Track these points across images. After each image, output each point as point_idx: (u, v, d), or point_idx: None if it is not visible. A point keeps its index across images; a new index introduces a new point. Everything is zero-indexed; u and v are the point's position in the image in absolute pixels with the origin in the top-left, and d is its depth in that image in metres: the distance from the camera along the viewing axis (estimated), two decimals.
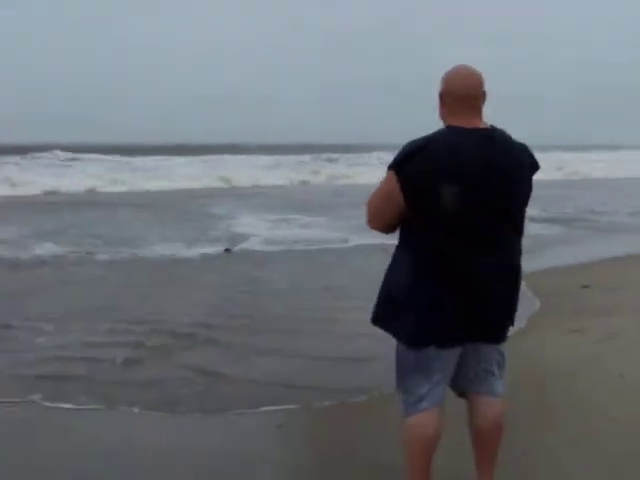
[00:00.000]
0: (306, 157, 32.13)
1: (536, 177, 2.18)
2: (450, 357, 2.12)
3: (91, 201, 16.81)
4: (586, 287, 6.27)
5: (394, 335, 2.18)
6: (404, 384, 2.20)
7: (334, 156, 33.47)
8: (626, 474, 2.56)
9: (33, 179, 20.12)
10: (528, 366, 3.86)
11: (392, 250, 2.20)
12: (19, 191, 18.62)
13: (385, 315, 2.19)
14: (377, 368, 3.99)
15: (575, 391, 3.46)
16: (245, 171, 25.40)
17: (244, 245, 9.75)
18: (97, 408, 3.54)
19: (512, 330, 2.33)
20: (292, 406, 3.55)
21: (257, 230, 11.30)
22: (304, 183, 24.76)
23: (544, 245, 9.13)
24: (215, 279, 7.31)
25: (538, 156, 2.25)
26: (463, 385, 2.24)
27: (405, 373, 2.18)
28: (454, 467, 2.49)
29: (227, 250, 9.23)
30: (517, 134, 2.17)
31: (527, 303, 5.23)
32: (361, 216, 2.35)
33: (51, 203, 15.90)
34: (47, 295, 6.44)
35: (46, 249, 8.84)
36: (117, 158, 28.74)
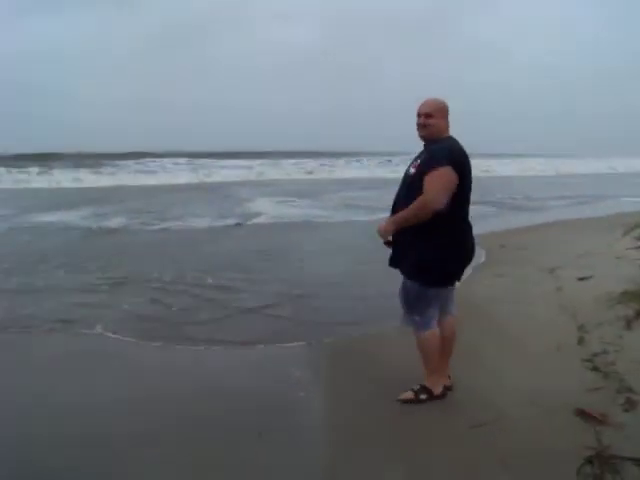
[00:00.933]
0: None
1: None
2: (446, 292, 3.30)
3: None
4: (503, 246, 8.17)
5: (424, 283, 3.06)
6: (421, 311, 3.12)
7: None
8: (536, 367, 3.66)
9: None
10: (469, 295, 5.36)
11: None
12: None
13: (420, 271, 3.05)
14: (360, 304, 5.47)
15: (499, 311, 4.92)
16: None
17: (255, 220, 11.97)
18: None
19: (465, 272, 3.39)
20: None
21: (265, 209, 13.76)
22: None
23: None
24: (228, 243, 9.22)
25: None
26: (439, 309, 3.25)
27: (424, 304, 3.12)
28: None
29: (238, 224, 11.18)
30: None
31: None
32: None
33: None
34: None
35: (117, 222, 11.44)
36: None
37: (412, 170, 3.06)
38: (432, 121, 3.04)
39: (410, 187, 3.03)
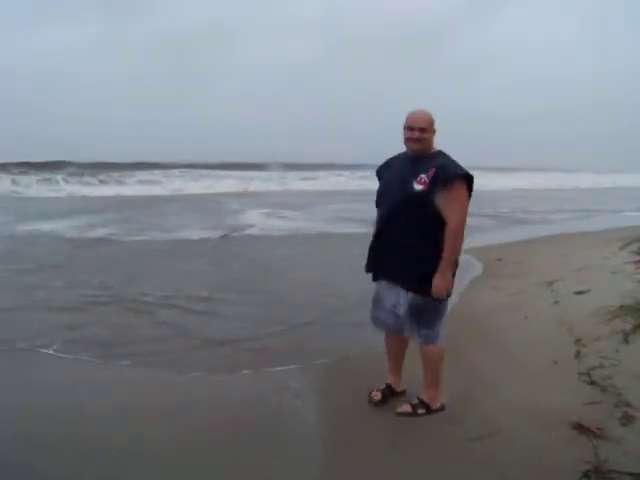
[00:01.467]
0: None
1: None
2: None
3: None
4: (500, 260, 8.19)
5: (430, 296, 3.02)
6: (441, 324, 3.17)
7: None
8: (533, 380, 3.67)
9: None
10: (467, 309, 5.41)
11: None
12: None
13: (419, 287, 3.04)
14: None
15: (496, 325, 4.94)
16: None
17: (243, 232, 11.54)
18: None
19: (462, 285, 3.70)
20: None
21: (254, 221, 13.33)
22: None
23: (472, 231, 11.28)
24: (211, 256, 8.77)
25: None
26: None
27: (443, 317, 3.17)
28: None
29: (223, 236, 10.74)
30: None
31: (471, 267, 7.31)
32: None
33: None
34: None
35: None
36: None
37: (418, 187, 2.95)
38: (427, 135, 3.04)
39: (414, 204, 2.97)
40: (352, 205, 16.32)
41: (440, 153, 3.09)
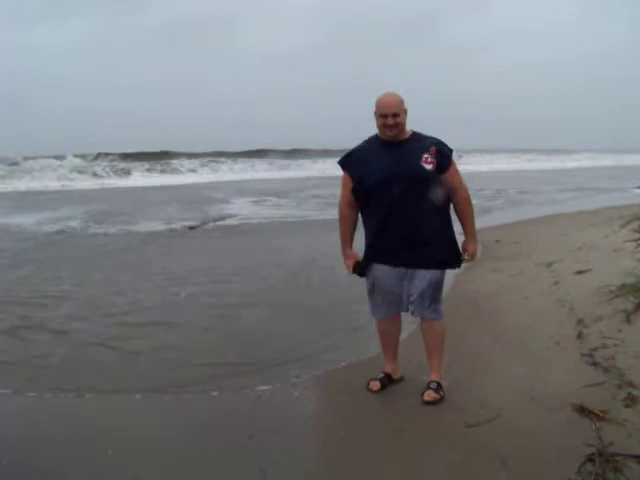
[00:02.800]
0: None
1: None
2: None
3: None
4: (498, 241, 8.10)
5: (452, 267, 3.20)
6: (441, 298, 3.22)
7: None
8: (534, 362, 3.58)
9: None
10: (466, 292, 5.35)
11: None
12: None
13: (454, 254, 3.15)
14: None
15: (496, 307, 4.87)
16: None
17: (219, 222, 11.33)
18: None
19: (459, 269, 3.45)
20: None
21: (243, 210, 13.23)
22: None
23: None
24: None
25: None
26: None
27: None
28: None
29: (191, 227, 10.48)
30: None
31: None
32: None
33: None
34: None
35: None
36: None
37: (428, 167, 2.98)
38: (399, 119, 3.01)
39: (426, 183, 3.00)
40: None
41: (415, 133, 3.13)
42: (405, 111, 3.05)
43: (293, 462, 2.67)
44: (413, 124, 3.18)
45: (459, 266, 3.27)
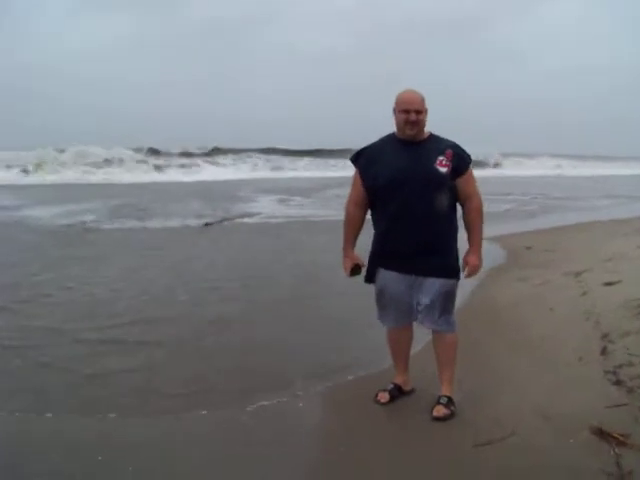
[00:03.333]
0: None
1: None
2: None
3: None
4: (529, 248, 7.85)
5: (458, 278, 3.00)
6: (453, 310, 3.09)
7: None
8: (554, 378, 3.39)
9: None
10: (488, 301, 5.16)
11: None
12: None
13: (458, 266, 2.99)
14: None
15: (517, 318, 4.66)
16: None
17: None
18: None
19: (478, 276, 3.40)
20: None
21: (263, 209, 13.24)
22: None
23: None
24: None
25: None
26: None
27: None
28: None
29: (207, 224, 10.49)
30: None
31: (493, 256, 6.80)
32: None
33: None
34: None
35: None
36: None
37: (443, 170, 2.85)
38: (422, 117, 2.91)
39: (439, 187, 2.87)
40: None
41: (433, 134, 3.00)
42: (426, 110, 2.93)
43: (289, 479, 2.57)
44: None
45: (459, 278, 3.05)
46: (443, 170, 2.86)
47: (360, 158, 3.06)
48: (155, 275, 6.62)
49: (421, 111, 2.87)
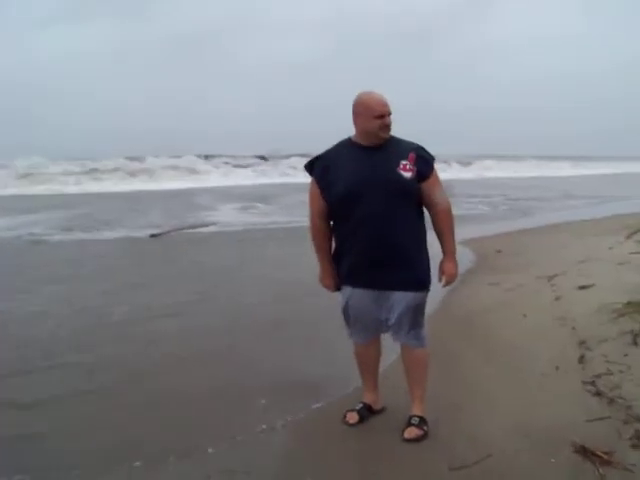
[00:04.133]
0: None
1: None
2: None
3: None
4: (499, 252, 7.74)
5: (428, 290, 2.78)
6: (424, 323, 2.87)
7: None
8: (531, 391, 3.23)
9: None
10: (461, 308, 4.98)
11: None
12: None
13: (429, 276, 2.78)
14: None
15: (490, 326, 4.47)
16: None
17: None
18: None
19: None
20: None
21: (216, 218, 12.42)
22: None
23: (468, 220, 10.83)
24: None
25: None
26: None
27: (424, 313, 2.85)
28: None
29: (152, 235, 9.86)
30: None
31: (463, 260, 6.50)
32: None
33: None
34: None
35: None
36: None
37: (407, 175, 2.61)
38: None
39: (406, 193, 2.65)
40: None
41: (393, 137, 2.74)
42: None
43: None
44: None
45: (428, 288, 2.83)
46: (407, 175, 2.62)
47: (315, 167, 2.80)
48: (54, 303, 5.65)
49: (391, 113, 2.66)
